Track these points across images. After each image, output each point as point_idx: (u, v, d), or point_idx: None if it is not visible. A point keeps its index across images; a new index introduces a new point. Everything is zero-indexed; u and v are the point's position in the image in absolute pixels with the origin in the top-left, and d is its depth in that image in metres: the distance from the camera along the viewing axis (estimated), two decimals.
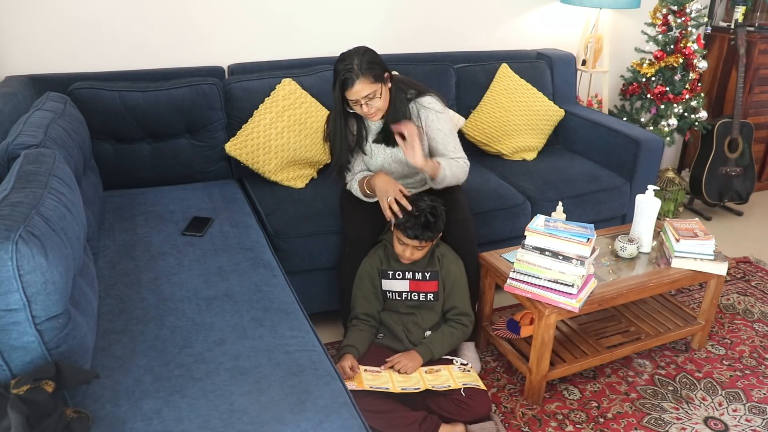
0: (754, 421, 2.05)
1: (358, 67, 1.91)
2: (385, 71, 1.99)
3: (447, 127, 2.15)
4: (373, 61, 1.95)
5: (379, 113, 2.02)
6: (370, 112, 1.99)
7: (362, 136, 2.15)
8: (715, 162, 3.42)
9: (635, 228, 2.31)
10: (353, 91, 1.93)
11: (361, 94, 1.94)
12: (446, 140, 2.14)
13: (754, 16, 3.68)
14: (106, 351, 1.47)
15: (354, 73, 1.90)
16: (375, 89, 1.95)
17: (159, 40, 2.66)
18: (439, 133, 2.13)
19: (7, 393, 1.11)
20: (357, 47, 1.98)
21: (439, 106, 2.14)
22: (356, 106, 1.99)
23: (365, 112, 2.00)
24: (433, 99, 2.14)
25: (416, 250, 2.05)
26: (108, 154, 2.44)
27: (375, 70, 1.94)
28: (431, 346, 2.05)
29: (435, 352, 2.05)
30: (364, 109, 1.99)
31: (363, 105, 1.97)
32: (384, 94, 2.00)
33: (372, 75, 1.93)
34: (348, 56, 1.94)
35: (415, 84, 2.17)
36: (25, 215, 1.22)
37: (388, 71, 2.01)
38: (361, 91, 1.93)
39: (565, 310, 1.93)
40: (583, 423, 2.02)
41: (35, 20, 2.46)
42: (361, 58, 1.92)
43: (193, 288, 1.76)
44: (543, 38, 3.45)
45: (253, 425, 1.27)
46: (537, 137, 3.05)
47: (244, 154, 2.51)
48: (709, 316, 2.34)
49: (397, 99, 2.06)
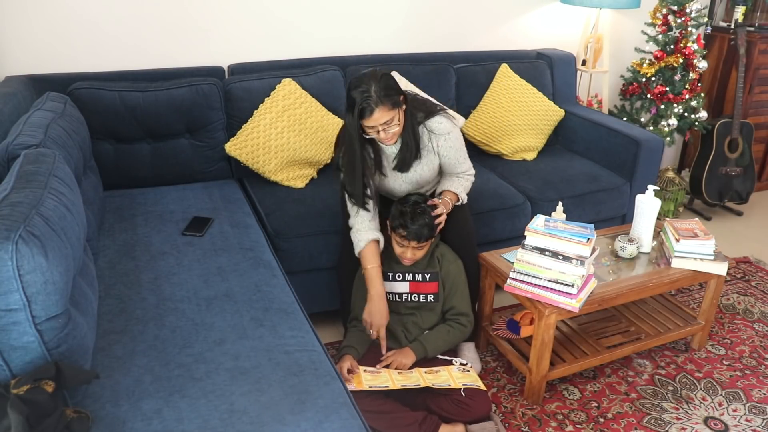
0: (754, 421, 2.05)
1: (377, 94, 1.81)
2: (401, 95, 1.91)
3: (457, 144, 2.10)
4: (390, 86, 1.86)
5: (395, 137, 1.96)
6: (387, 137, 1.93)
7: (380, 160, 2.09)
8: (715, 162, 3.42)
9: (635, 228, 2.31)
10: (372, 119, 1.85)
11: (379, 122, 1.86)
12: (457, 155, 2.11)
13: (754, 16, 3.68)
14: (106, 351, 1.47)
15: (373, 101, 1.81)
16: (393, 115, 1.87)
17: (159, 40, 2.66)
18: (450, 151, 2.09)
19: (7, 393, 1.11)
20: (372, 71, 1.89)
21: (449, 126, 2.07)
22: (372, 132, 1.91)
23: (381, 138, 1.93)
24: (442, 119, 2.07)
25: (416, 250, 2.05)
26: (108, 154, 2.44)
27: (392, 96, 1.85)
28: (425, 343, 2.05)
29: (429, 350, 2.04)
30: (381, 135, 1.91)
31: (380, 131, 1.90)
32: (401, 119, 1.93)
33: (390, 102, 1.84)
34: (365, 82, 1.84)
35: (423, 104, 2.10)
36: (25, 215, 1.22)
37: (403, 94, 1.95)
38: (380, 118, 1.85)
39: (565, 310, 1.93)
40: (583, 423, 2.02)
41: (35, 20, 2.46)
42: (378, 84, 1.83)
43: (193, 288, 1.76)
44: (543, 38, 3.45)
45: (253, 425, 1.27)
46: (537, 137, 3.05)
47: (244, 154, 2.51)
48: (709, 316, 2.34)
49: (410, 123, 2.00)
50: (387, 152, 2.08)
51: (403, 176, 2.12)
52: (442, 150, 2.08)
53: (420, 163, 2.08)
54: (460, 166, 2.15)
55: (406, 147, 2.01)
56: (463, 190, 2.14)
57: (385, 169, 2.10)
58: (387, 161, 2.10)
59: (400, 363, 1.98)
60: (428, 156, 2.08)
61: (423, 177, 2.13)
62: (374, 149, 2.05)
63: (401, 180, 2.13)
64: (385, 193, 2.20)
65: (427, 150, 2.07)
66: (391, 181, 2.13)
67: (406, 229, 1.98)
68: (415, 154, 2.04)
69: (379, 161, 2.06)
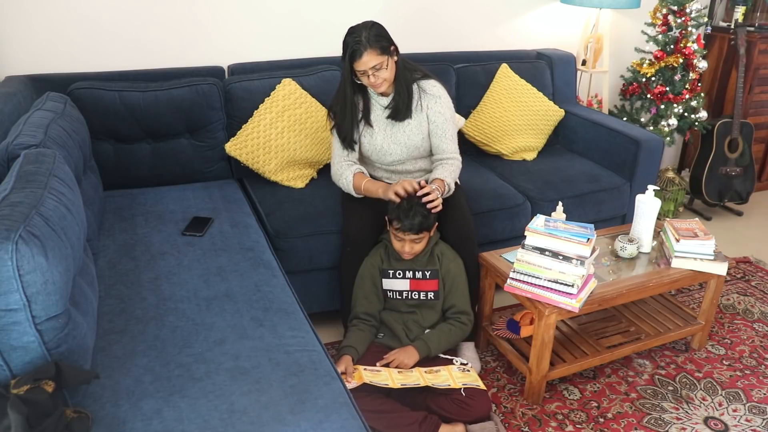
0: (754, 421, 2.05)
1: (366, 39, 2.01)
2: (391, 44, 2.08)
3: (448, 113, 2.24)
4: (380, 34, 2.05)
5: (385, 84, 2.11)
6: (376, 82, 2.09)
7: (368, 110, 2.23)
8: (715, 162, 3.42)
9: (635, 228, 2.31)
10: (362, 61, 2.02)
11: (368, 65, 2.03)
12: (445, 126, 2.23)
13: (754, 16, 3.68)
14: (106, 351, 1.47)
15: (362, 45, 2.00)
16: (382, 61, 2.04)
17: (159, 40, 2.66)
18: (439, 117, 2.22)
19: (7, 393, 1.11)
20: (365, 21, 2.08)
21: (441, 91, 2.24)
22: (363, 77, 2.09)
23: (372, 83, 2.10)
24: (436, 83, 2.24)
25: (414, 243, 2.06)
26: (108, 154, 2.44)
27: (382, 42, 2.04)
28: (428, 342, 2.06)
29: (432, 348, 2.05)
30: (371, 80, 2.08)
31: (370, 75, 2.06)
32: (390, 66, 2.09)
33: (379, 47, 2.02)
34: (356, 29, 2.04)
35: (421, 68, 2.27)
36: (25, 215, 1.22)
37: (394, 45, 2.10)
38: (369, 62, 2.02)
39: (565, 310, 1.93)
40: (583, 423, 2.02)
41: (35, 20, 2.46)
42: (369, 31, 2.03)
43: (193, 288, 1.76)
44: (543, 38, 3.45)
45: (253, 425, 1.27)
46: (537, 137, 3.05)
47: (244, 154, 2.51)
48: (709, 316, 2.34)
49: (403, 75, 2.16)
50: (378, 104, 2.21)
51: (391, 134, 2.22)
52: (431, 113, 2.21)
53: (410, 124, 2.20)
54: (447, 141, 2.24)
55: (399, 96, 2.17)
56: (449, 175, 2.19)
57: (376, 122, 2.22)
58: (378, 114, 2.22)
59: (402, 362, 1.99)
60: (418, 116, 2.20)
61: (412, 140, 2.21)
62: (365, 99, 2.21)
63: (390, 140, 2.22)
64: (377, 160, 2.27)
65: (418, 109, 2.21)
66: (380, 138, 2.22)
67: (400, 221, 2.01)
68: (407, 103, 2.18)
69: (367, 110, 2.21)
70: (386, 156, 2.24)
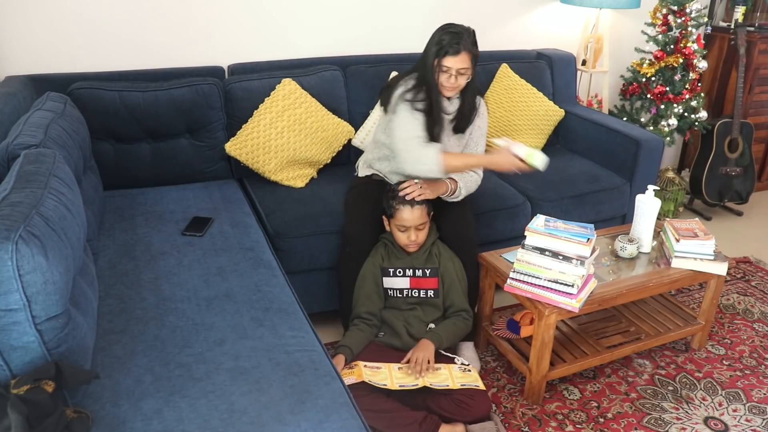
0: (754, 421, 2.05)
1: (467, 39, 1.99)
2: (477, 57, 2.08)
3: (484, 128, 2.30)
4: (476, 42, 2.04)
5: (457, 90, 2.11)
6: (455, 84, 2.06)
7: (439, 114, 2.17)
8: (715, 162, 3.42)
9: (635, 228, 2.31)
10: (456, 59, 1.99)
11: (459, 65, 2.01)
12: (480, 141, 2.29)
13: (754, 16, 3.68)
14: (106, 351, 1.47)
15: (462, 44, 1.98)
16: (469, 66, 2.04)
17: (159, 40, 2.66)
18: (478, 131, 2.26)
19: (7, 393, 1.11)
20: (461, 24, 2.05)
21: (485, 108, 2.31)
22: (444, 75, 2.04)
23: (451, 84, 2.06)
24: (482, 100, 2.30)
25: (419, 231, 2.08)
26: (108, 154, 2.44)
27: (476, 50, 2.03)
28: (438, 332, 2.07)
29: (443, 338, 2.06)
30: (452, 81, 2.05)
31: (453, 76, 2.03)
32: (470, 76, 2.08)
33: (473, 54, 2.03)
34: (457, 28, 2.01)
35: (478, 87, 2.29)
36: (25, 215, 1.22)
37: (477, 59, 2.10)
38: (461, 62, 2.00)
39: (565, 310, 1.93)
40: (583, 423, 2.02)
41: (35, 20, 2.46)
42: (469, 34, 2.01)
43: (193, 288, 1.76)
44: (543, 38, 3.45)
45: (253, 425, 1.27)
46: (537, 137, 3.05)
47: (244, 154, 2.51)
48: (709, 316, 2.34)
49: (474, 87, 2.17)
50: (446, 110, 2.17)
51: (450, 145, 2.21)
52: (475, 128, 2.24)
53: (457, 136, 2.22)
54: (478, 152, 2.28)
55: (465, 105, 2.17)
56: (465, 185, 2.19)
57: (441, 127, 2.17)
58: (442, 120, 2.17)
59: (422, 357, 1.97)
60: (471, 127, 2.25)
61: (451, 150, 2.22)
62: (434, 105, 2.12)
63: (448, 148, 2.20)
64: None
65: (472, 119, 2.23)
66: None
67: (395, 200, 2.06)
68: (469, 116, 2.20)
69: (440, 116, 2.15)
70: None
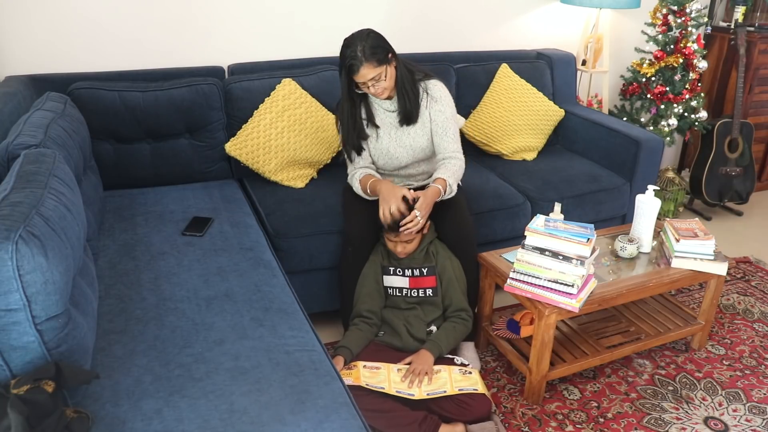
0: (754, 421, 2.05)
1: (362, 52, 1.98)
2: (388, 52, 2.06)
3: (449, 111, 2.23)
4: (376, 45, 2.01)
5: (386, 92, 2.11)
6: (377, 91, 2.09)
7: (372, 115, 2.22)
8: (715, 162, 3.42)
9: (635, 228, 2.31)
10: (359, 75, 2.01)
11: (367, 78, 2.02)
12: (446, 124, 2.21)
13: (754, 16, 3.68)
14: (106, 351, 1.47)
15: (358, 59, 1.98)
16: (380, 71, 2.03)
17: (159, 40, 2.66)
18: (440, 115, 2.20)
19: (7, 393, 1.11)
20: (360, 31, 2.05)
21: (443, 90, 2.23)
22: (364, 87, 2.08)
23: (373, 92, 2.10)
24: (437, 82, 2.24)
25: (406, 243, 2.10)
26: (108, 154, 2.44)
27: (378, 54, 2.01)
28: (438, 342, 2.07)
29: (443, 347, 2.06)
30: (372, 90, 2.08)
31: (370, 86, 2.06)
32: (390, 74, 2.07)
33: (376, 59, 2.00)
34: (352, 41, 2.01)
35: (422, 68, 2.27)
36: (25, 215, 1.22)
37: (392, 51, 2.08)
38: (366, 75, 2.01)
39: (565, 310, 1.93)
40: (583, 423, 2.02)
41: (35, 20, 2.46)
42: (365, 43, 1.99)
43: (193, 288, 1.76)
44: (543, 38, 3.45)
45: (253, 425, 1.27)
46: (537, 137, 3.05)
47: (244, 154, 2.51)
48: (709, 316, 2.34)
49: (406, 78, 2.14)
50: (382, 107, 2.21)
51: (399, 139, 2.22)
52: (433, 112, 2.20)
53: (415, 126, 2.20)
54: (448, 140, 2.21)
55: (405, 100, 2.15)
56: (451, 175, 2.15)
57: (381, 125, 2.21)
58: (383, 117, 2.21)
59: (421, 370, 1.96)
60: (422, 117, 2.21)
61: (417, 142, 2.22)
62: (367, 105, 2.21)
63: (396, 143, 2.22)
64: (383, 165, 2.27)
65: (422, 109, 2.20)
66: (386, 141, 2.22)
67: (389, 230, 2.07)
68: (416, 106, 2.17)
69: (371, 115, 2.21)
70: (393, 160, 2.23)
